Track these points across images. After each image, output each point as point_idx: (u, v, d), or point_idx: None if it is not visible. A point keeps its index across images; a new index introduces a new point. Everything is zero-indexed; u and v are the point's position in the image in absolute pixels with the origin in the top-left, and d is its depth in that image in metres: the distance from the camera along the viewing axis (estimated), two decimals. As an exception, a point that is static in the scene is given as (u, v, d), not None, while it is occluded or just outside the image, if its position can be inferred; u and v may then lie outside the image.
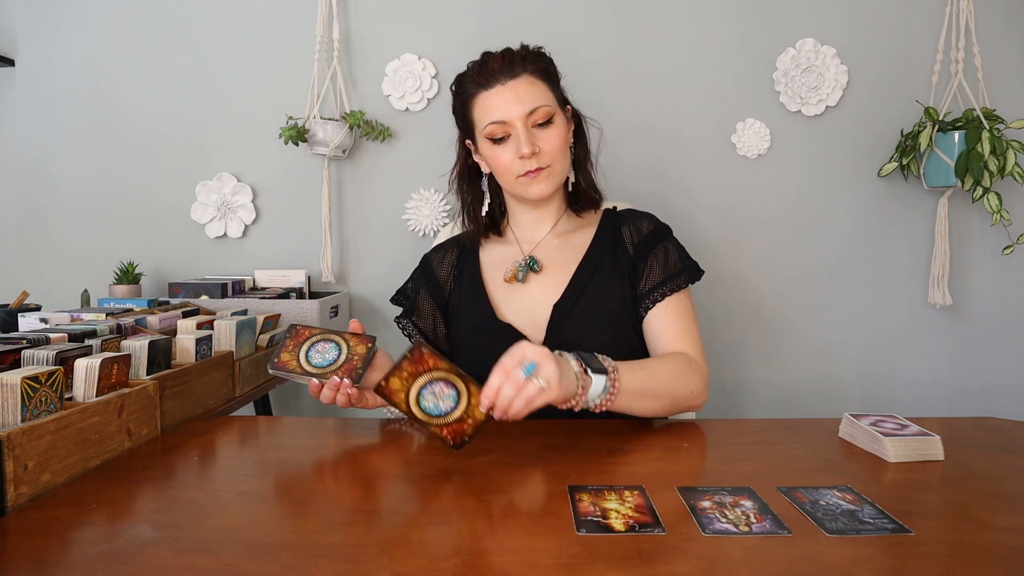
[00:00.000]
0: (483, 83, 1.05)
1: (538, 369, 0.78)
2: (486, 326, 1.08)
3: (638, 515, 0.64)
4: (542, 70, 1.06)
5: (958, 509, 0.66)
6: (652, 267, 1.09)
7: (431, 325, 1.17)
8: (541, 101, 1.04)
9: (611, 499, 0.67)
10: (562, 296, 1.07)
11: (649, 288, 1.08)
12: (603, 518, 0.63)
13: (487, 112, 1.05)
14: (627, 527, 0.61)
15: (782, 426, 0.96)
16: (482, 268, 1.16)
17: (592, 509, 0.65)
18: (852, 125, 1.63)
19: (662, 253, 1.11)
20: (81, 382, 0.80)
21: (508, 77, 1.04)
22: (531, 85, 1.04)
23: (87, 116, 1.73)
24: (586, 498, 0.68)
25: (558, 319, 1.05)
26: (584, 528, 0.61)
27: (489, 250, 1.19)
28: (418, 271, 1.23)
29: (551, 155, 1.05)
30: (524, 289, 1.10)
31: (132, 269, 1.60)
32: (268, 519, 0.64)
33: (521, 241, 1.16)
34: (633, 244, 1.12)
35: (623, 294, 1.08)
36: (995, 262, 1.65)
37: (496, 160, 1.07)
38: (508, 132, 1.04)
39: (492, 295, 1.12)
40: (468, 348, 1.11)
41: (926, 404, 1.67)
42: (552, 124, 1.05)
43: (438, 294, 1.18)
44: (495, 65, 1.05)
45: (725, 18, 1.63)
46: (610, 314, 1.06)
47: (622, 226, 1.14)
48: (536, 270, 1.11)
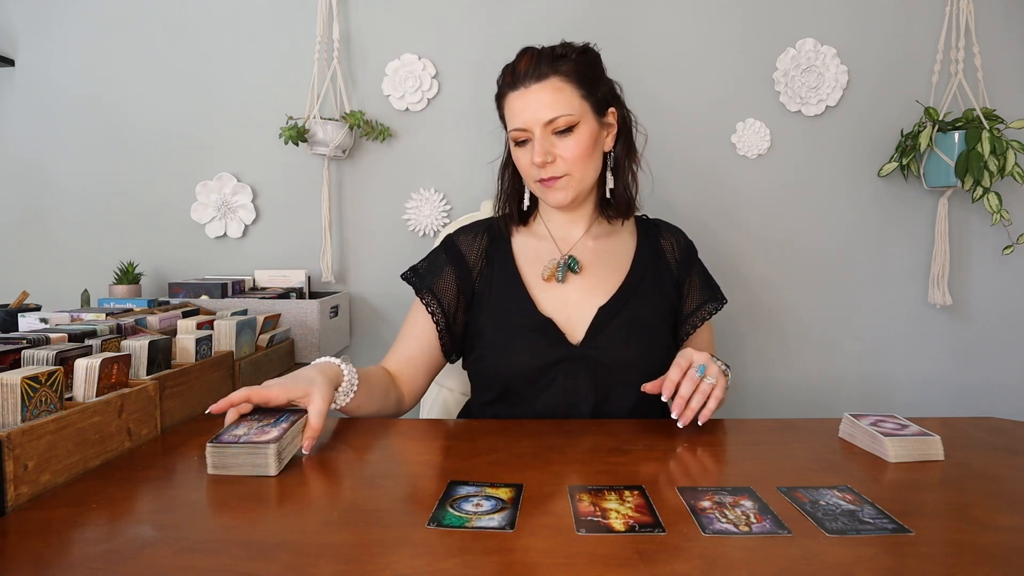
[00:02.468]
0: (511, 83, 1.05)
1: (707, 370, 0.90)
2: (526, 319, 1.06)
3: (638, 515, 0.64)
4: (575, 72, 1.03)
5: (958, 509, 0.66)
6: (695, 285, 1.15)
7: (453, 307, 1.12)
8: (563, 110, 1.01)
9: (611, 499, 0.67)
10: (609, 301, 1.07)
11: (695, 307, 1.14)
12: (603, 518, 0.63)
13: (511, 115, 1.05)
14: (627, 527, 0.61)
15: (782, 426, 0.96)
16: (516, 258, 1.14)
17: (592, 509, 0.65)
18: (852, 125, 1.64)
19: (699, 273, 1.17)
20: (81, 382, 0.80)
21: (534, 80, 1.02)
22: (556, 91, 1.02)
23: (87, 116, 1.73)
24: (586, 498, 0.68)
25: (601, 322, 1.05)
26: (584, 528, 0.61)
27: (521, 241, 1.16)
28: (441, 252, 1.17)
29: (569, 164, 1.03)
30: (561, 288, 1.09)
31: (132, 269, 1.60)
32: (268, 519, 0.64)
33: (556, 238, 1.14)
34: (676, 260, 1.16)
35: (661, 309, 1.11)
36: (995, 262, 1.65)
37: (518, 161, 1.08)
38: (528, 137, 1.04)
39: (530, 288, 1.10)
40: (501, 339, 1.07)
41: (926, 404, 1.67)
42: (573, 132, 1.02)
43: (466, 277, 1.13)
44: (523, 66, 1.03)
45: (725, 18, 1.63)
46: (648, 326, 1.08)
47: (661, 238, 1.17)
48: (576, 271, 1.10)
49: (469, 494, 0.69)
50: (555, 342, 1.04)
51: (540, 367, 1.04)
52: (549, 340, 1.04)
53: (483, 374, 1.11)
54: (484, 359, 1.09)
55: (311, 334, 1.46)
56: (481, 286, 1.13)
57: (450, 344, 1.13)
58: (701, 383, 0.90)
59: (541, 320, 1.06)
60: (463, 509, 0.65)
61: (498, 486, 0.71)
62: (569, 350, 1.04)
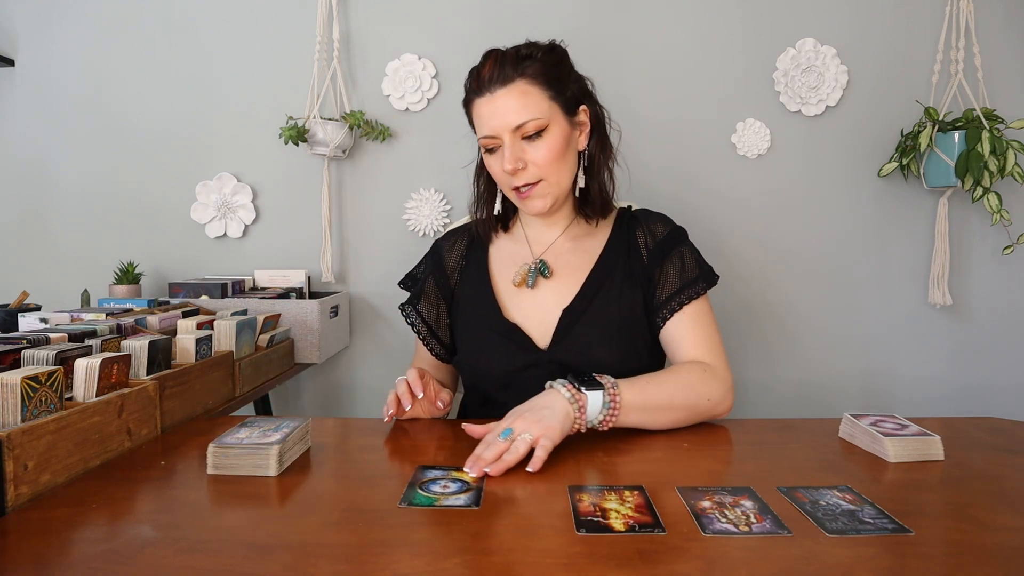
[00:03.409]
0: (477, 89, 1.02)
1: (514, 431, 0.79)
2: (493, 324, 1.06)
3: (638, 515, 0.64)
4: (542, 73, 0.99)
5: (958, 509, 0.66)
6: (668, 274, 1.05)
7: (435, 314, 1.15)
8: (531, 114, 0.98)
9: (611, 499, 0.68)
10: (572, 302, 1.04)
11: (666, 297, 1.04)
12: (603, 518, 0.63)
13: (479, 123, 1.03)
14: (627, 527, 0.61)
15: (782, 426, 0.96)
16: (490, 262, 1.14)
17: (592, 509, 0.65)
18: (852, 125, 1.63)
19: (678, 259, 1.07)
20: (81, 382, 0.80)
21: (499, 84, 0.98)
22: (523, 95, 0.98)
23: (87, 116, 1.73)
24: (586, 498, 0.68)
25: (566, 325, 1.03)
26: (584, 528, 0.61)
27: (498, 244, 1.16)
28: (428, 257, 1.20)
29: (541, 169, 1.00)
30: (531, 293, 1.08)
31: (132, 269, 1.60)
32: (268, 519, 0.64)
33: (532, 241, 1.13)
34: (648, 250, 1.08)
35: (634, 304, 1.05)
36: (995, 262, 1.65)
37: (491, 169, 1.05)
38: (498, 144, 1.01)
39: (500, 293, 1.09)
40: (472, 344, 1.10)
41: (926, 404, 1.67)
42: (543, 136, 0.99)
43: (444, 283, 1.15)
44: (487, 72, 1.00)
45: (725, 18, 1.63)
46: (619, 323, 1.03)
47: (636, 230, 1.10)
48: (547, 275, 1.08)
49: (436, 477, 0.75)
50: (523, 348, 1.04)
51: (508, 372, 1.04)
52: (517, 346, 1.04)
53: (465, 377, 1.15)
54: (461, 364, 1.12)
55: (311, 334, 1.46)
56: (459, 291, 1.15)
57: (440, 348, 1.16)
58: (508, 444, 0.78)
59: (507, 326, 1.05)
60: (431, 490, 0.71)
61: (462, 469, 0.76)
62: (537, 355, 1.03)
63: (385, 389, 1.80)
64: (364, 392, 1.74)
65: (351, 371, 1.74)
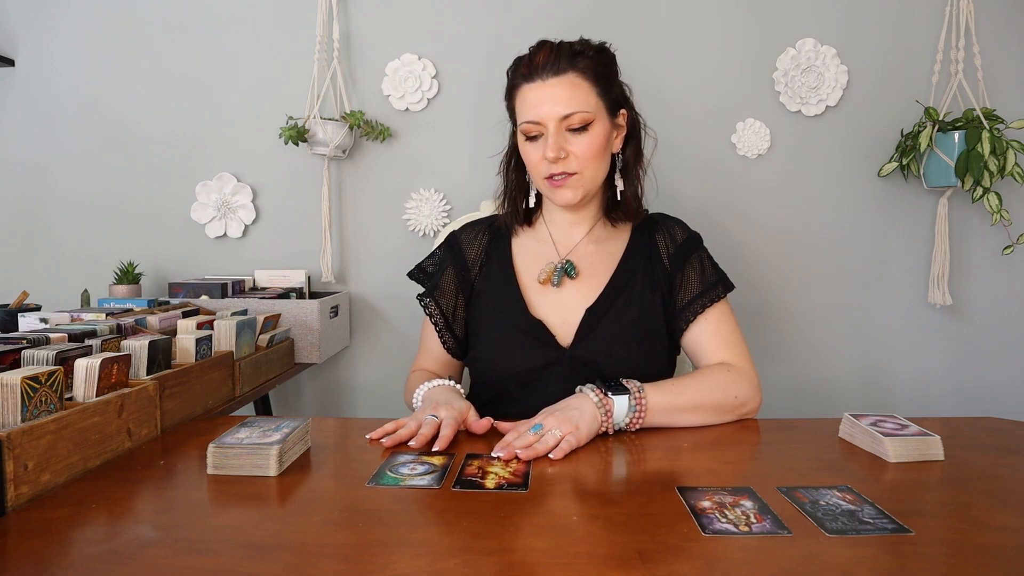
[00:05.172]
0: (527, 75, 1.03)
1: (544, 427, 0.83)
2: (518, 321, 1.07)
3: (512, 477, 0.73)
4: (592, 70, 1.02)
5: (958, 509, 0.66)
6: (689, 279, 1.09)
7: (452, 306, 1.15)
8: (579, 106, 1.00)
9: (496, 464, 0.78)
10: (596, 301, 1.06)
11: (688, 301, 1.07)
12: (480, 477, 0.73)
13: (525, 108, 1.04)
14: (496, 485, 0.71)
15: (782, 426, 0.96)
16: (514, 258, 1.14)
17: (476, 471, 0.75)
18: (852, 125, 1.63)
19: (698, 263, 1.10)
20: (81, 382, 0.80)
21: (551, 74, 1.00)
22: (573, 87, 1.00)
23: (87, 116, 1.73)
24: (475, 463, 0.79)
25: (589, 324, 1.04)
26: (459, 486, 0.71)
27: (521, 241, 1.16)
28: (444, 248, 1.20)
29: (581, 162, 1.02)
30: (556, 291, 1.09)
31: (132, 269, 1.60)
32: (268, 519, 0.64)
33: (556, 241, 1.14)
34: (668, 255, 1.11)
35: (654, 306, 1.07)
36: (995, 262, 1.65)
37: (527, 156, 1.06)
38: (541, 132, 1.02)
39: (525, 289, 1.10)
40: (494, 339, 1.09)
41: (926, 404, 1.67)
42: (587, 130, 1.01)
43: (464, 275, 1.15)
44: (541, 59, 1.01)
45: (725, 18, 1.63)
46: (640, 324, 1.05)
47: (656, 233, 1.13)
48: (572, 276, 1.09)
49: (406, 460, 0.80)
50: (545, 345, 1.04)
51: (530, 370, 1.04)
52: (540, 343, 1.05)
53: (479, 374, 1.13)
54: (478, 359, 1.11)
55: (311, 334, 1.46)
56: (479, 284, 1.15)
57: (453, 343, 1.15)
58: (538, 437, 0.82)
59: (532, 322, 1.06)
60: (400, 472, 0.75)
61: (433, 454, 0.81)
62: (559, 352, 1.04)
63: (385, 389, 1.81)
64: (364, 392, 1.74)
65: (351, 371, 1.74)
